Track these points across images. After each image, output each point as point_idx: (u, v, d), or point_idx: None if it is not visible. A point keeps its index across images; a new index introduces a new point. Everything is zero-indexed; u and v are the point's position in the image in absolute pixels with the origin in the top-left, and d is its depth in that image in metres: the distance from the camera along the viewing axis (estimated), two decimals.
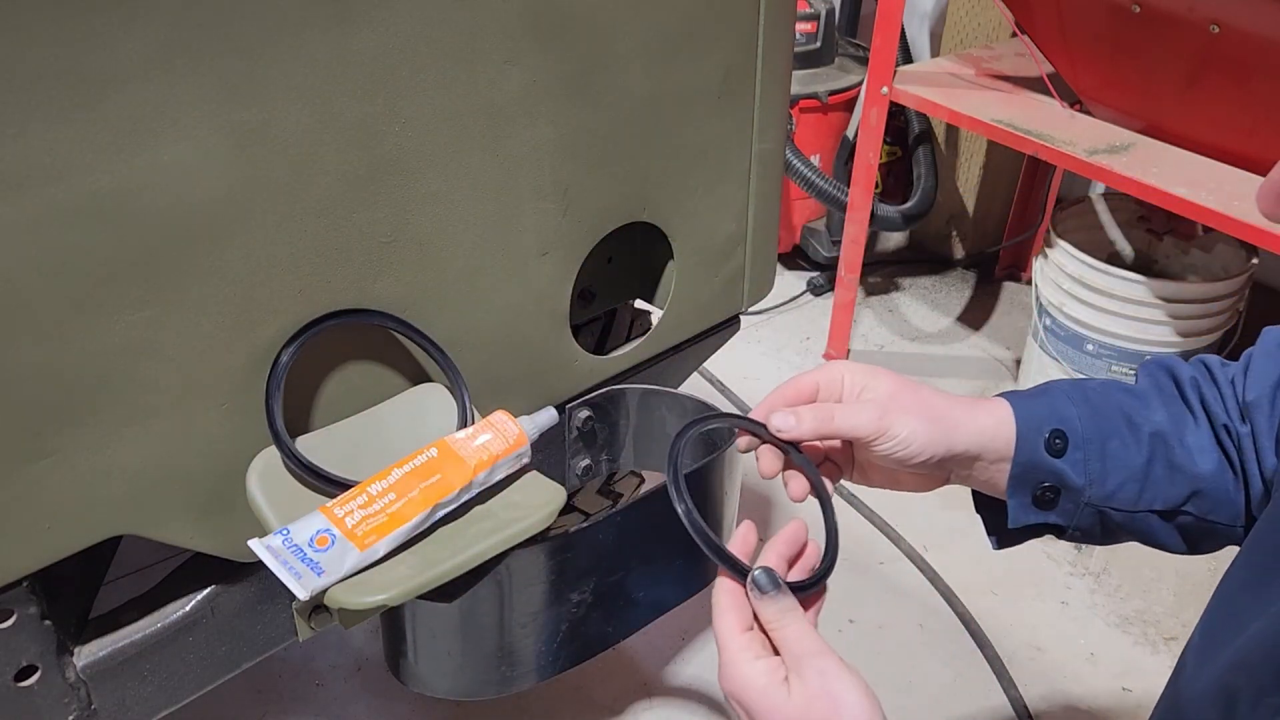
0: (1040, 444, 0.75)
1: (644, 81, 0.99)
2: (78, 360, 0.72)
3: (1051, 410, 0.75)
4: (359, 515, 0.75)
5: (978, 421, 0.75)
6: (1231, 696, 0.54)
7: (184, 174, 0.72)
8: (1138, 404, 0.76)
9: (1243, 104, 1.71)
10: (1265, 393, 0.71)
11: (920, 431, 0.73)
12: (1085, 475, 0.75)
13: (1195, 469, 0.74)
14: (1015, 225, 2.71)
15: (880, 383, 0.76)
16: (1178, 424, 0.75)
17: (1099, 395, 0.77)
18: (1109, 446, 0.75)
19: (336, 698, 1.62)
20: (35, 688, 0.81)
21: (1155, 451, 0.75)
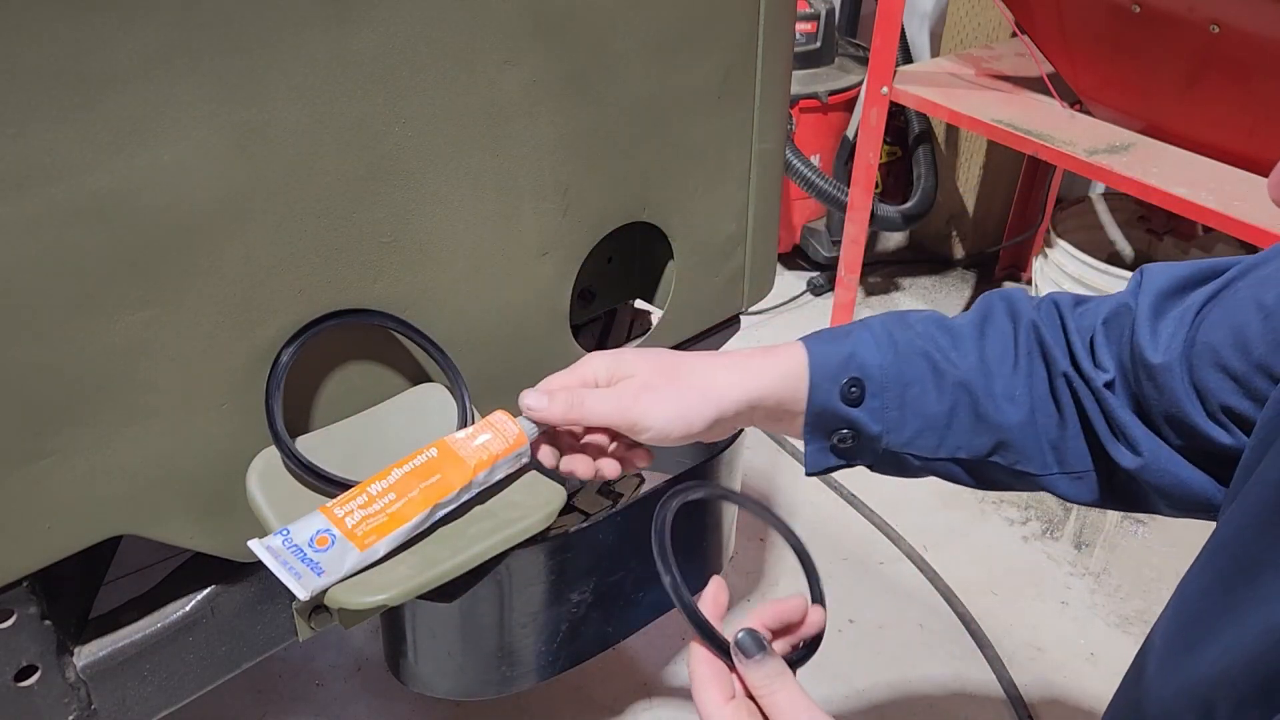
0: (835, 392, 0.74)
1: (644, 81, 0.99)
2: (78, 360, 0.72)
3: (851, 356, 0.74)
4: (359, 515, 0.75)
5: (756, 373, 0.74)
6: (1209, 706, 0.53)
7: (184, 174, 0.72)
8: (950, 346, 0.74)
9: (1243, 104, 1.71)
10: (1175, 357, 0.67)
11: (674, 416, 0.72)
12: (882, 423, 0.74)
13: (1001, 419, 0.73)
14: (1015, 225, 2.71)
15: (637, 365, 0.75)
16: (993, 369, 0.73)
17: (908, 339, 0.75)
18: (908, 394, 0.73)
19: (336, 698, 1.62)
20: (35, 688, 0.81)
21: (959, 400, 0.73)
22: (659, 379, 0.73)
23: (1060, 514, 2.04)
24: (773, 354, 0.75)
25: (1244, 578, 0.53)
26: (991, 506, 2.05)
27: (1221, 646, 0.53)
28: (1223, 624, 0.53)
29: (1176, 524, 2.00)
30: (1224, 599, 0.54)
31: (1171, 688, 0.57)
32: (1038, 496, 2.07)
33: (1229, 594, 0.54)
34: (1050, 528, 2.00)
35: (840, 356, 0.74)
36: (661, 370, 0.74)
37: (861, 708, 1.63)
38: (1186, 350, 0.67)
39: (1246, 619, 0.51)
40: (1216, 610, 0.55)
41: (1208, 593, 0.57)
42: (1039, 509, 2.04)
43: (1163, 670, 0.58)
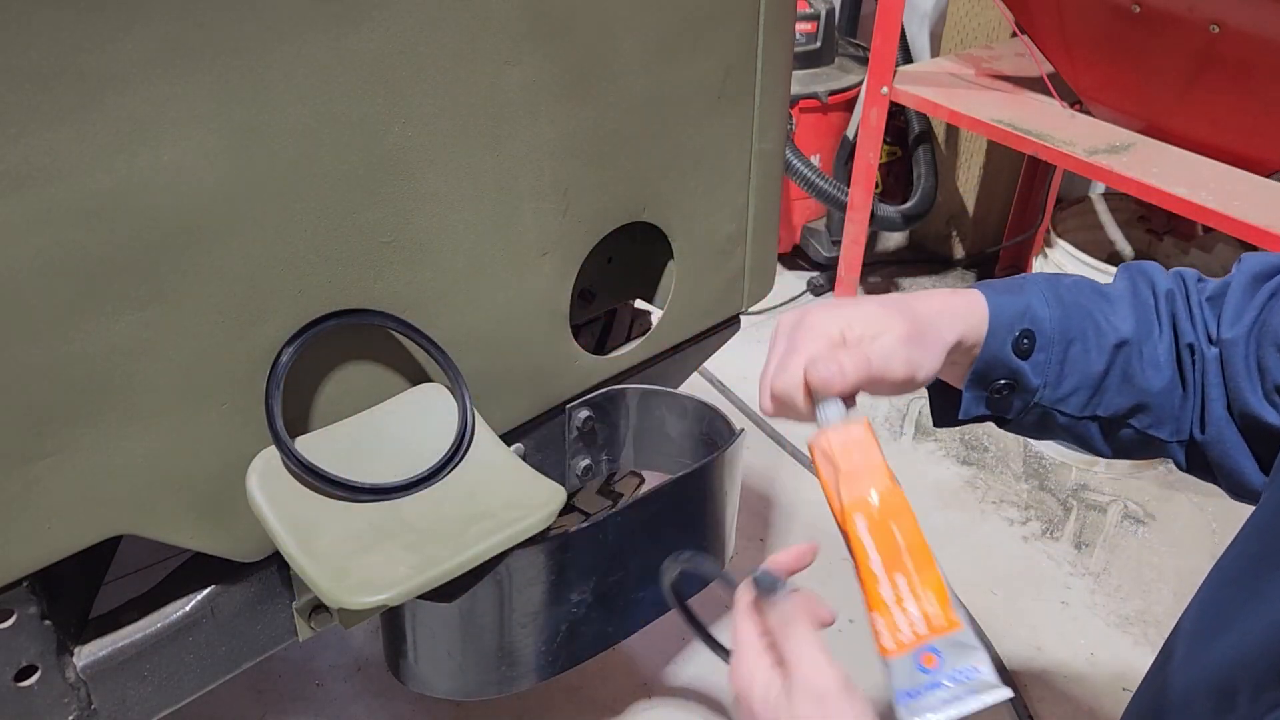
0: (1008, 342, 0.74)
1: (644, 81, 0.99)
2: (78, 360, 0.72)
3: (1026, 308, 0.75)
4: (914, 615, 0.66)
5: (961, 318, 0.74)
6: (1230, 690, 0.54)
7: (184, 174, 0.72)
8: (1108, 308, 0.76)
9: (1243, 104, 1.71)
10: (1241, 334, 0.71)
11: (937, 362, 0.72)
12: (1043, 377, 0.75)
13: (1147, 383, 0.75)
14: (1015, 225, 2.71)
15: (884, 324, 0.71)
16: (1143, 333, 0.76)
17: (1071, 295, 0.76)
18: (1071, 351, 0.75)
19: (336, 698, 1.62)
20: (35, 688, 0.81)
21: (1114, 361, 0.75)
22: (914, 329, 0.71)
23: (1060, 514, 2.04)
24: (961, 296, 0.76)
25: (1271, 563, 0.54)
26: (991, 506, 2.05)
27: (1244, 630, 0.53)
28: (1250, 608, 0.54)
29: (1176, 524, 2.00)
30: (1252, 584, 0.55)
31: (1196, 670, 0.58)
32: (1037, 497, 2.07)
33: (1258, 579, 0.55)
34: (1050, 528, 2.00)
35: (1017, 307, 0.75)
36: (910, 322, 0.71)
37: None
38: (1255, 329, 0.70)
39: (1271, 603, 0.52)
40: (1244, 596, 0.56)
41: (1238, 578, 0.58)
42: (1039, 509, 2.04)
43: (1190, 654, 0.60)
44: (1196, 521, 2.01)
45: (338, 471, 0.84)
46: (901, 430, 2.24)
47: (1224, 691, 0.54)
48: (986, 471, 2.14)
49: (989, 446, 2.21)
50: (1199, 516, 2.02)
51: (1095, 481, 2.11)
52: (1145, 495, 2.08)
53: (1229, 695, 0.54)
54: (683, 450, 1.15)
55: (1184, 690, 0.59)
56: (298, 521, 0.82)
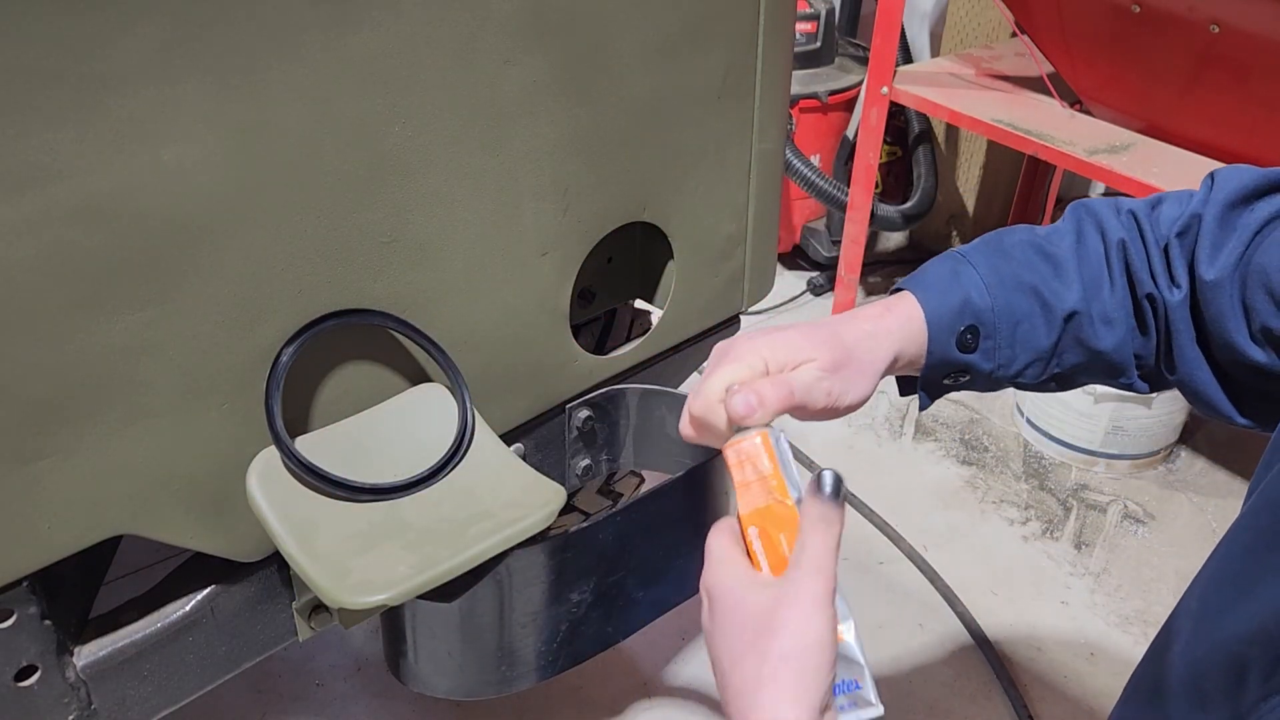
0: (951, 342, 0.75)
1: (644, 81, 0.99)
2: (78, 360, 0.72)
3: (965, 304, 0.74)
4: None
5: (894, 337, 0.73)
6: (1241, 665, 0.53)
7: (184, 174, 0.72)
8: (1053, 276, 0.75)
9: (1243, 104, 1.71)
10: (1225, 274, 0.69)
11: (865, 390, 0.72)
12: (994, 361, 0.76)
13: (1100, 343, 0.76)
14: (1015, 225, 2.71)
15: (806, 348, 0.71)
16: (1091, 295, 0.75)
17: (1012, 269, 0.75)
18: (1019, 331, 0.75)
19: (336, 698, 1.62)
20: (35, 688, 0.81)
21: (1065, 330, 0.75)
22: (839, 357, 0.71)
23: (1060, 514, 2.04)
24: (895, 314, 0.75)
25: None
26: (991, 506, 2.05)
27: (1258, 603, 0.53)
28: (1261, 581, 0.54)
29: (1176, 524, 2.00)
30: (1265, 558, 0.55)
31: (1205, 646, 0.57)
32: (1037, 497, 2.07)
33: (1270, 552, 0.54)
34: (1050, 528, 2.00)
35: (954, 307, 0.75)
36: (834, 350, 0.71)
37: None
38: (1241, 268, 0.69)
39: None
40: (1255, 569, 0.55)
41: (1249, 552, 0.57)
42: (1039, 509, 2.04)
43: (1198, 630, 0.59)
44: (1196, 521, 2.01)
45: (338, 471, 0.84)
46: (902, 430, 2.24)
47: (1234, 670, 0.53)
48: (986, 471, 2.14)
49: (989, 446, 2.21)
50: (1199, 516, 2.03)
51: (1095, 481, 2.11)
52: (1145, 495, 2.08)
53: (1239, 674, 0.53)
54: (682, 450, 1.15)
55: (1190, 670, 0.58)
56: (298, 521, 0.82)
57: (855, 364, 0.71)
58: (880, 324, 0.74)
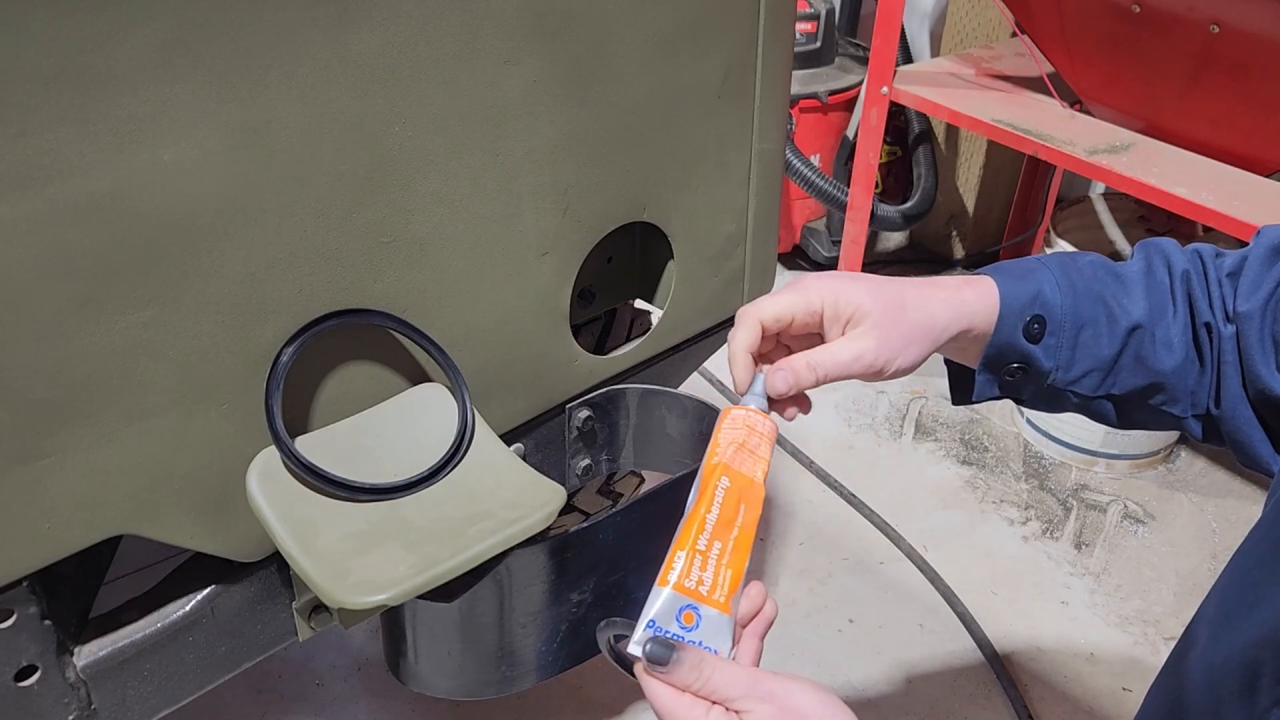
0: (1019, 328, 0.76)
1: (644, 81, 0.99)
2: (78, 360, 0.72)
3: (1037, 294, 0.76)
4: (706, 577, 0.68)
5: (963, 308, 0.75)
6: (1254, 671, 0.53)
7: (184, 174, 0.72)
8: (1121, 292, 0.77)
9: (1243, 104, 1.71)
10: (1257, 306, 0.72)
11: (916, 356, 0.74)
12: (1055, 360, 0.77)
13: (1159, 364, 0.76)
14: (1015, 225, 2.71)
15: (865, 303, 0.73)
16: (1156, 316, 0.77)
17: (1084, 280, 0.77)
18: (1082, 335, 0.76)
19: (336, 698, 1.62)
20: (35, 688, 0.81)
21: (1127, 344, 0.76)
22: (889, 319, 0.73)
23: (1060, 514, 2.04)
24: (971, 286, 0.77)
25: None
26: (991, 506, 2.05)
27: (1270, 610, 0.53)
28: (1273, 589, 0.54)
29: (1176, 524, 2.00)
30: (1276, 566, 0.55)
31: (1220, 655, 0.58)
32: (1037, 497, 2.07)
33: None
34: (1050, 528, 2.00)
35: (1028, 294, 0.76)
36: (890, 310, 0.73)
37: (861, 707, 1.63)
38: (1271, 302, 0.71)
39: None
40: (1270, 578, 0.56)
41: (1264, 561, 0.58)
42: (1039, 509, 2.04)
43: (1214, 639, 0.59)
44: (1196, 521, 2.01)
45: (338, 471, 0.84)
46: (901, 430, 2.24)
47: (1248, 673, 0.54)
48: (986, 471, 2.14)
49: (989, 446, 2.21)
50: (1199, 516, 2.02)
51: (1095, 481, 2.12)
52: (1145, 495, 2.08)
53: (1252, 679, 0.53)
54: (683, 450, 1.15)
55: (1207, 677, 0.59)
56: (298, 521, 0.82)
57: (911, 328, 0.73)
58: (956, 293, 0.76)
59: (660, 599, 0.66)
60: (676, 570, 0.67)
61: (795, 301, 0.74)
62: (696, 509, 0.69)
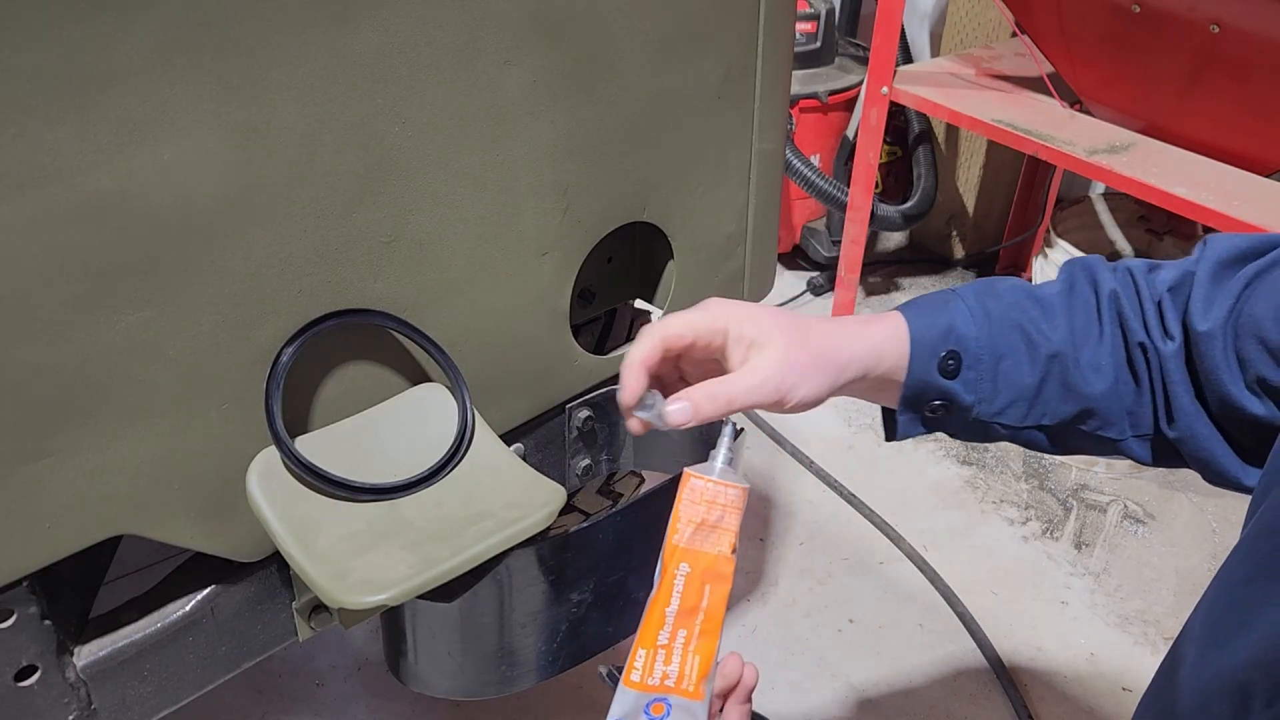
0: (933, 365, 0.74)
1: (644, 81, 0.99)
2: (78, 360, 0.72)
3: (949, 329, 0.74)
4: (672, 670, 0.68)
5: (869, 342, 0.73)
6: (1245, 693, 0.53)
7: (184, 173, 0.72)
8: (1041, 318, 0.75)
9: (1243, 104, 1.71)
10: (1218, 326, 0.69)
11: (819, 386, 0.71)
12: (975, 394, 0.75)
13: (1088, 389, 0.74)
14: (1015, 225, 2.71)
15: (769, 327, 0.71)
16: (1080, 340, 0.75)
17: (1001, 310, 0.76)
18: (1002, 366, 0.74)
19: (337, 698, 1.62)
20: (35, 688, 0.81)
21: (1050, 372, 0.74)
22: (796, 351, 0.71)
23: (1060, 514, 2.04)
24: (879, 324, 0.75)
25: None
26: (992, 506, 2.05)
27: (1259, 632, 0.53)
28: (1261, 610, 0.54)
29: (1176, 524, 2.00)
30: (1266, 585, 0.55)
31: (1209, 674, 0.57)
32: (1037, 497, 2.07)
33: (1271, 580, 0.54)
34: (1050, 528, 2.00)
35: (939, 329, 0.74)
36: (794, 336, 0.72)
37: (861, 707, 1.63)
38: (1232, 320, 0.69)
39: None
40: (1257, 597, 0.55)
41: (1249, 580, 0.57)
42: (1039, 509, 2.04)
43: (1201, 658, 0.59)
44: (1196, 521, 2.01)
45: (338, 471, 0.84)
46: None
47: (1240, 695, 0.54)
48: (986, 471, 2.14)
49: (989, 446, 2.21)
50: (1199, 516, 2.02)
51: (1095, 481, 2.11)
52: (1145, 495, 2.08)
53: (1244, 701, 0.53)
54: (683, 450, 1.15)
55: (1196, 697, 0.58)
56: (298, 521, 0.82)
57: (814, 357, 0.71)
58: (863, 328, 0.74)
59: (626, 699, 0.67)
60: (639, 670, 0.67)
61: (699, 320, 0.71)
62: (656, 601, 0.69)
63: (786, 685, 1.65)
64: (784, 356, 0.70)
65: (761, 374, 0.70)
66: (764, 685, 1.68)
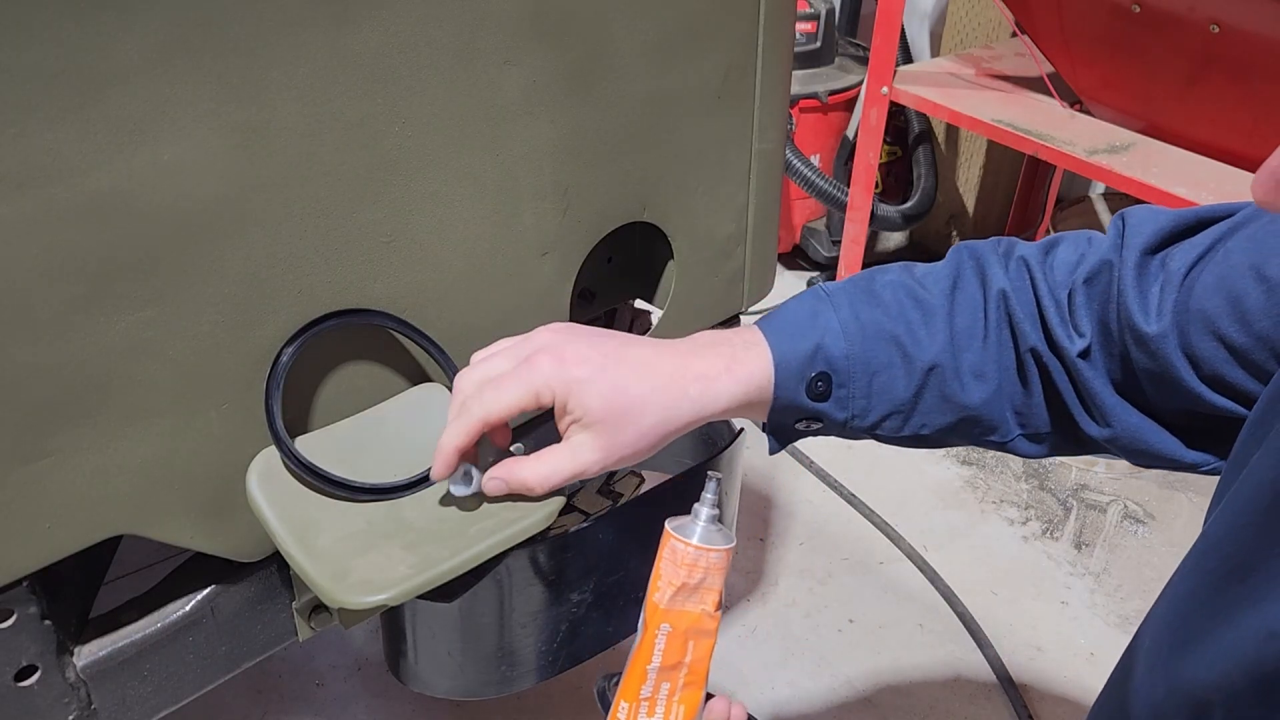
0: (801, 389, 0.72)
1: (644, 81, 0.99)
2: (78, 360, 0.72)
3: (817, 350, 0.71)
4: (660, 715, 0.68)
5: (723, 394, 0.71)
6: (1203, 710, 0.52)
7: (184, 173, 0.72)
8: (920, 322, 0.72)
9: (1243, 104, 1.71)
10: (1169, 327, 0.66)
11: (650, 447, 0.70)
12: (848, 410, 0.73)
13: (967, 399, 0.72)
14: (1015, 225, 2.71)
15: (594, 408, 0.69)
16: (961, 345, 0.71)
17: (876, 318, 0.72)
18: (875, 382, 0.72)
19: (337, 698, 1.62)
20: (35, 688, 0.81)
21: (927, 384, 0.72)
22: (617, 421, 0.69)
23: (1060, 514, 2.04)
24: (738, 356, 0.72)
25: (1236, 578, 0.52)
26: (992, 506, 2.05)
27: (1215, 650, 0.52)
28: (1216, 626, 0.53)
29: (1177, 524, 2.00)
30: (1216, 600, 0.54)
31: (1162, 689, 0.56)
32: (1037, 497, 2.07)
33: (1221, 595, 0.53)
34: (1050, 528, 2.00)
35: (805, 353, 0.71)
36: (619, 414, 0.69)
37: (861, 707, 1.63)
38: (1178, 316, 0.66)
39: (1241, 621, 0.51)
40: (1208, 611, 0.54)
41: (1198, 594, 0.56)
42: (1039, 509, 2.04)
43: (1153, 672, 0.58)
44: (1196, 521, 2.01)
45: (338, 471, 0.84)
46: None
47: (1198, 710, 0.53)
48: (986, 471, 2.14)
49: None
50: (1199, 516, 2.02)
51: (1095, 481, 2.12)
52: (1145, 495, 2.08)
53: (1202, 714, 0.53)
54: (683, 450, 1.15)
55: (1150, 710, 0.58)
56: (298, 521, 0.82)
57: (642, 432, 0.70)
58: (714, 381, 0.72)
59: None
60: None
61: (524, 398, 0.71)
62: (637, 657, 0.69)
63: (786, 685, 1.65)
64: (607, 438, 0.69)
65: (582, 460, 0.71)
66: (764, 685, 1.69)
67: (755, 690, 1.61)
